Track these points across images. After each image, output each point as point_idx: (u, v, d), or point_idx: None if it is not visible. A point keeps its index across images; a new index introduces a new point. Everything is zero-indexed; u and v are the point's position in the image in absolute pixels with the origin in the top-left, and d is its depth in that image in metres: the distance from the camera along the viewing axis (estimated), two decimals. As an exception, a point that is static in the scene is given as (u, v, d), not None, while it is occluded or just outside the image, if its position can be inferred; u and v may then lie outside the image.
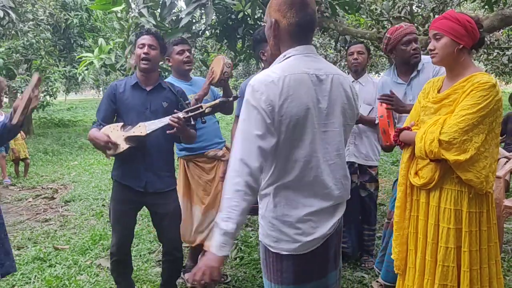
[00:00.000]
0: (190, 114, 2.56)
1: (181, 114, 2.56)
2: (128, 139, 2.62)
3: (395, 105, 2.85)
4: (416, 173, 2.21)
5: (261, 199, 1.73)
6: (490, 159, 2.05)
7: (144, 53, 2.72)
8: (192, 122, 2.61)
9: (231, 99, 2.74)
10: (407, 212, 2.27)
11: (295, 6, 1.62)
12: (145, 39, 2.76)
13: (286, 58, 1.66)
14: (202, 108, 2.57)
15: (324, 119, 1.65)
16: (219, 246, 1.49)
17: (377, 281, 3.20)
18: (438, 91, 2.22)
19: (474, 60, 9.89)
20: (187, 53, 3.30)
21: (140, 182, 2.75)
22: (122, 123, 2.69)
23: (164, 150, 2.81)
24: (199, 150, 3.37)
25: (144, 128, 2.60)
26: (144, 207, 2.95)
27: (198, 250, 3.48)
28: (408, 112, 2.78)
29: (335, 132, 1.68)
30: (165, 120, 2.58)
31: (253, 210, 1.95)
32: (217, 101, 2.63)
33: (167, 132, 2.58)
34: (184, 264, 3.46)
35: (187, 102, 2.72)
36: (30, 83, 2.32)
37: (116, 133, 2.65)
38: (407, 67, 3.02)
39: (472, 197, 2.08)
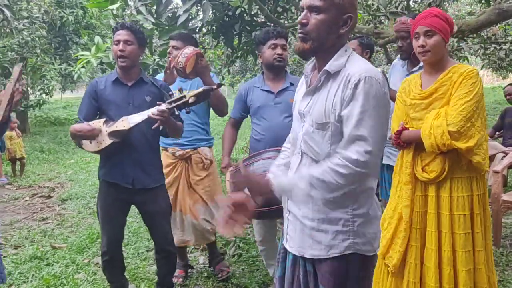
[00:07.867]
0: (173, 104, 2.50)
1: (164, 106, 2.49)
2: (111, 134, 2.54)
3: None
4: (422, 169, 2.23)
5: (345, 202, 1.60)
6: (485, 138, 2.18)
7: (119, 50, 2.61)
8: (177, 113, 2.56)
9: (215, 87, 2.63)
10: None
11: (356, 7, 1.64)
12: (120, 34, 2.62)
13: (350, 54, 1.62)
14: (185, 97, 2.49)
15: None
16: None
17: None
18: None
19: (471, 55, 9.93)
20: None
21: (127, 178, 2.68)
22: (104, 119, 2.61)
23: (150, 144, 2.75)
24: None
25: (126, 122, 2.53)
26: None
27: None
28: None
29: None
30: (148, 113, 2.51)
31: (278, 211, 1.91)
32: (200, 89, 2.52)
33: (153, 127, 2.51)
34: None
35: (170, 93, 2.63)
36: (12, 76, 2.22)
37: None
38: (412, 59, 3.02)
39: (478, 180, 2.21)
